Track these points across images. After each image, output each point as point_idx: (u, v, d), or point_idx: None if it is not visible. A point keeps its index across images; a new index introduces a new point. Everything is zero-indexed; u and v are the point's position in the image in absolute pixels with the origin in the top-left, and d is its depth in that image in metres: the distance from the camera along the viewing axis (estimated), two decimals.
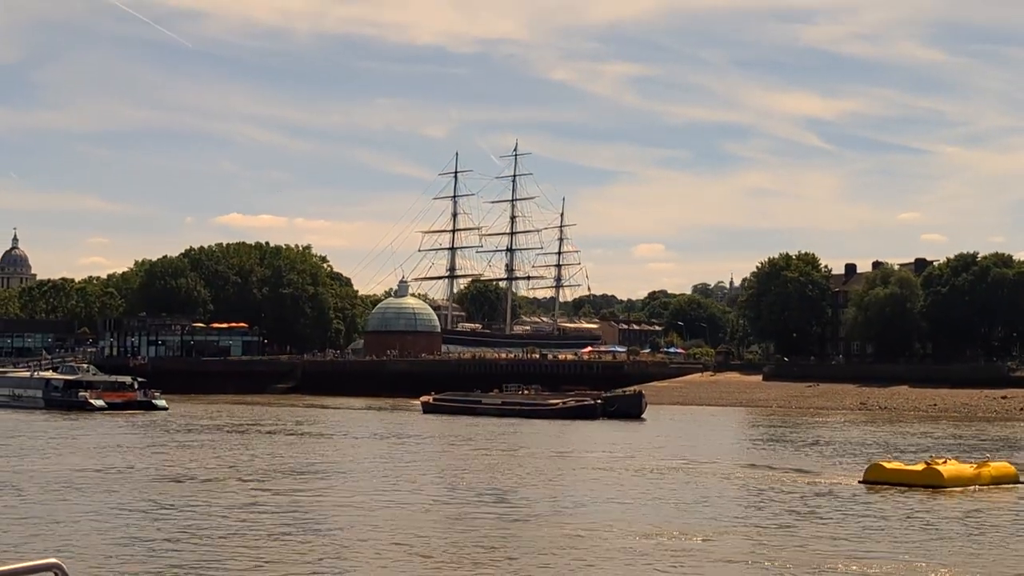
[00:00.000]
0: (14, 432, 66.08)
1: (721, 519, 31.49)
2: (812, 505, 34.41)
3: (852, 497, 35.89)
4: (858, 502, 34.84)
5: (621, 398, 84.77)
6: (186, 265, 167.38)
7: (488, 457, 52.42)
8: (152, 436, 65.05)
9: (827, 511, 33.05)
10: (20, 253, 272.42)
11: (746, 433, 73.61)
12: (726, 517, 31.91)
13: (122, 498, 35.41)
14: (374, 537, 28.09)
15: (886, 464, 38.43)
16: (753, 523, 30.70)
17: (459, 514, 32.35)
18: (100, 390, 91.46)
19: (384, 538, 27.94)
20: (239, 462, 48.73)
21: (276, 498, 35.81)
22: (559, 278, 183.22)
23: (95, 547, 26.42)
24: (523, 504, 34.67)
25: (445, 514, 32.64)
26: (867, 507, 33.74)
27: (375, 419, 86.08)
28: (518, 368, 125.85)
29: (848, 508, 33.57)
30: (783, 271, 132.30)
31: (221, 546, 26.68)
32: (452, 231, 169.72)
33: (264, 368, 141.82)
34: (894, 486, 36.77)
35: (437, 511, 33.32)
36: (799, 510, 33.31)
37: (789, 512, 32.82)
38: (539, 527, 29.87)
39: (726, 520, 31.28)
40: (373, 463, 49.27)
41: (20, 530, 28.70)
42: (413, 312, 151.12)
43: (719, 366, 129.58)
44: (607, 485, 40.66)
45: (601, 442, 62.95)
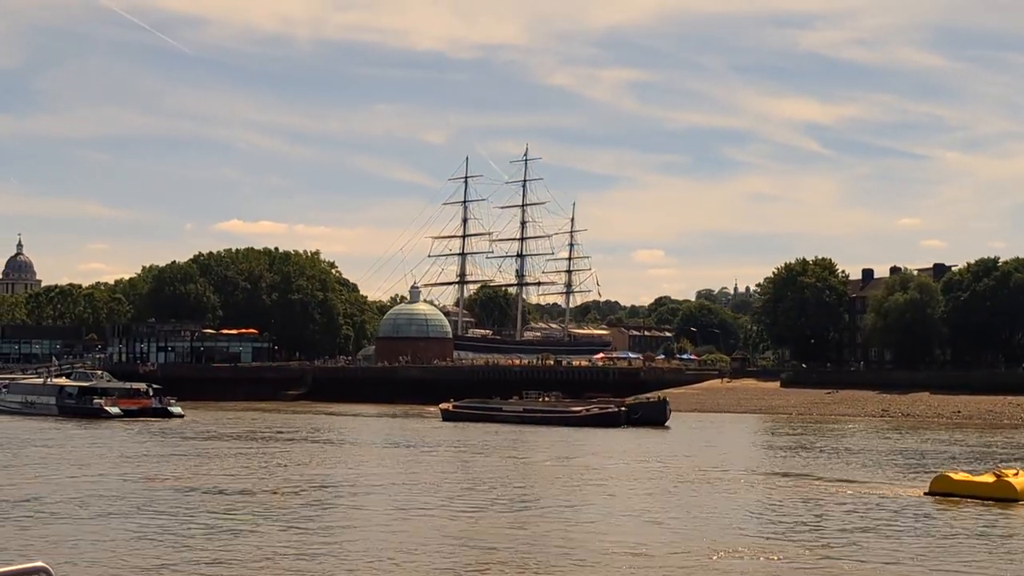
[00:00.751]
0: (32, 441, 64.73)
1: (792, 536, 30.10)
2: (880, 519, 33.00)
3: (921, 511, 34.46)
4: (930, 516, 33.42)
5: (645, 405, 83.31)
6: (195, 271, 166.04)
7: (522, 468, 51.09)
8: (172, 445, 63.67)
9: (901, 526, 31.63)
10: (25, 259, 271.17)
11: (773, 440, 72.11)
12: (796, 533, 30.51)
13: (153, 514, 34.07)
14: (420, 558, 26.74)
15: (953, 475, 37.00)
16: (824, 540, 29.32)
17: (500, 531, 30.99)
18: (115, 397, 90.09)
19: (430, 554, 26.60)
20: (268, 474, 47.42)
21: (316, 514, 34.49)
22: (569, 284, 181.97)
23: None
24: (568, 522, 33.29)
25: (487, 529, 31.28)
26: (940, 522, 32.33)
27: (394, 427, 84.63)
28: (533, 375, 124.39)
29: (922, 523, 32.15)
30: (800, 276, 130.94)
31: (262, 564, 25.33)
32: (462, 236, 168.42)
33: (274, 375, 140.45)
34: (963, 499, 35.37)
35: (477, 526, 31.97)
36: (867, 525, 31.92)
37: (857, 528, 31.43)
38: (588, 544, 28.48)
39: (798, 537, 29.89)
40: (407, 475, 47.93)
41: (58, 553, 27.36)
42: (425, 318, 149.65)
43: (735, 372, 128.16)
44: (652, 497, 39.45)
45: (631, 451, 61.58)
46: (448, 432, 75.70)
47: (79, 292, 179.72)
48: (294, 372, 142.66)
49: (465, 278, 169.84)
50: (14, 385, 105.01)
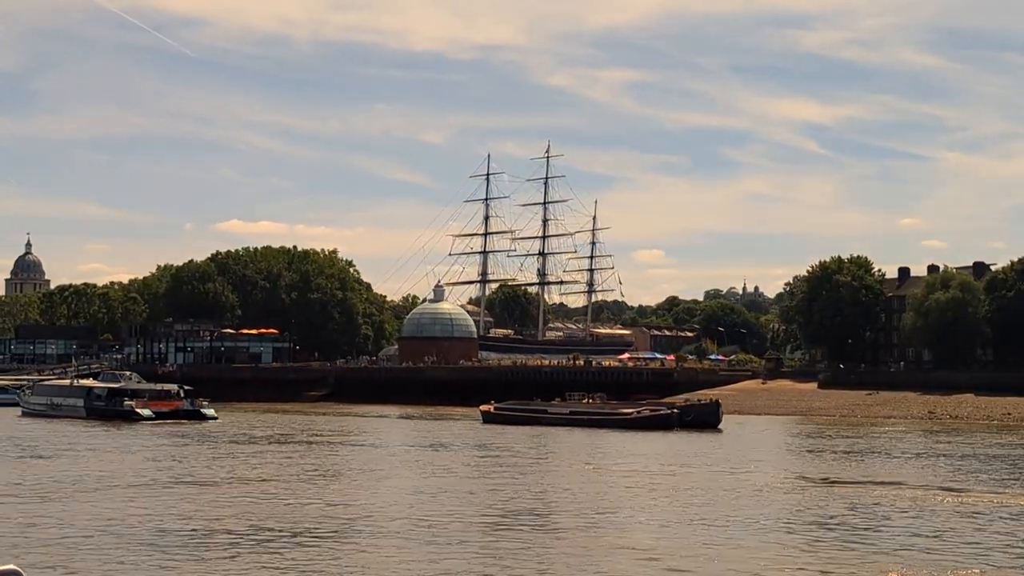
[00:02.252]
0: (69, 446, 61.95)
1: (955, 557, 27.29)
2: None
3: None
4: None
5: (697, 407, 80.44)
6: (213, 270, 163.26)
7: (610, 480, 48.30)
8: (216, 449, 60.96)
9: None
10: (34, 259, 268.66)
11: (837, 444, 68.99)
12: (956, 555, 27.71)
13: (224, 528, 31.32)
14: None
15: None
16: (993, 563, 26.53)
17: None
18: (146, 399, 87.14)
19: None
20: (330, 485, 44.73)
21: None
22: (591, 283, 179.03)
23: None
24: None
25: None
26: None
27: (438, 431, 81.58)
28: (562, 375, 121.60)
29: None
30: (835, 275, 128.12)
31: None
32: (484, 234, 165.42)
33: (296, 375, 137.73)
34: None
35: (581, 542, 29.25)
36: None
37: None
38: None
39: (957, 557, 27.07)
40: (481, 485, 45.18)
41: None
42: (450, 317, 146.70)
43: (770, 373, 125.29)
44: (744, 506, 36.97)
45: (700, 456, 58.85)
46: (497, 436, 72.71)
47: (93, 292, 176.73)
48: (316, 373, 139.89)
49: (487, 277, 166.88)
50: (38, 386, 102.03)
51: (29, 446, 60.63)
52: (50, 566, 26.09)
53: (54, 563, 26.50)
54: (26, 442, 63.48)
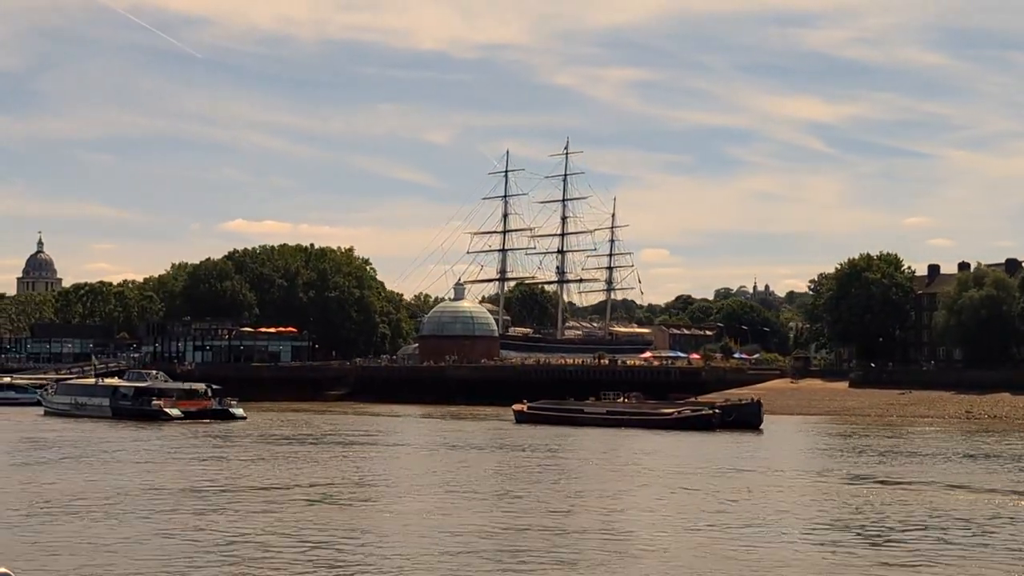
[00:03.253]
0: (111, 449, 60.27)
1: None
2: None
3: None
4: None
5: (739, 407, 78.58)
6: (230, 268, 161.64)
7: (684, 485, 46.58)
8: (254, 449, 59.30)
9: None
10: (45, 257, 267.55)
11: (881, 445, 67.04)
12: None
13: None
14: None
15: None
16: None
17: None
18: (174, 398, 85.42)
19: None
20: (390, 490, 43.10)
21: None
22: (611, 281, 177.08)
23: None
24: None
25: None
26: None
27: (471, 431, 79.80)
28: (588, 374, 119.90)
29: None
30: (864, 272, 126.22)
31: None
32: (503, 232, 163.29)
33: (315, 374, 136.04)
34: None
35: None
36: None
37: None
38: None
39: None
40: (556, 492, 43.49)
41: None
42: (471, 316, 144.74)
43: (798, 372, 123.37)
44: (824, 513, 35.18)
45: (752, 458, 57.21)
46: (538, 437, 70.94)
47: (109, 290, 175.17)
48: (336, 372, 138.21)
49: (506, 275, 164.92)
50: (62, 386, 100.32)
51: (70, 451, 58.10)
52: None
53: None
54: (62, 445, 61.26)
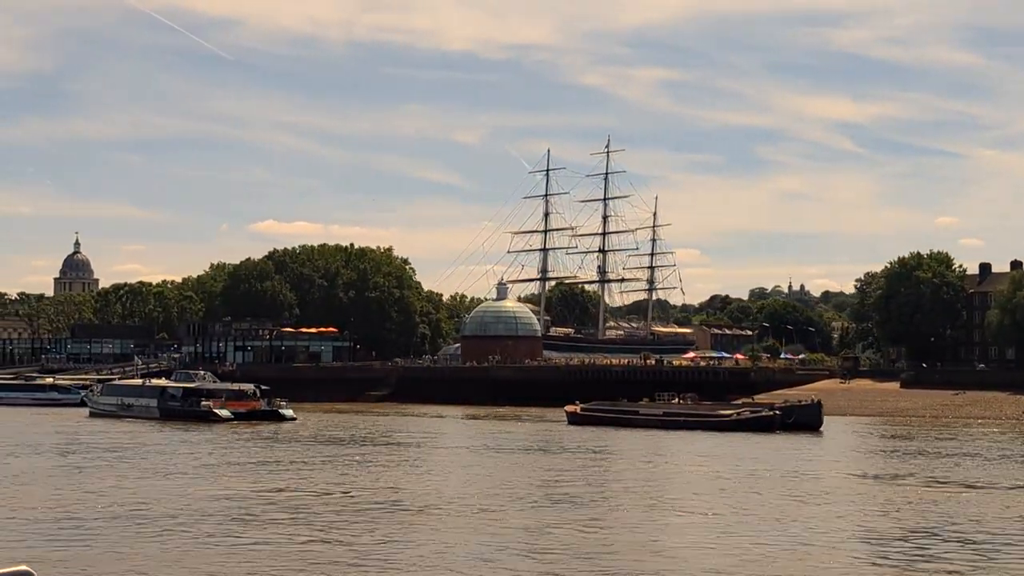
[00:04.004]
0: (179, 454, 59.25)
1: None
2: None
3: None
4: None
5: (799, 408, 76.87)
6: (271, 268, 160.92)
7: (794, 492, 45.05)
8: (318, 453, 58.18)
9: None
10: (82, 258, 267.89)
11: (944, 447, 65.25)
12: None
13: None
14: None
15: None
16: None
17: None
18: (223, 399, 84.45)
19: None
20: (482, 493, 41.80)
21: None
22: (652, 280, 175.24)
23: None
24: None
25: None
26: None
27: (525, 433, 78.50)
28: (634, 375, 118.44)
29: None
30: (914, 271, 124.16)
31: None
32: (544, 231, 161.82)
33: (357, 375, 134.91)
34: None
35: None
36: None
37: None
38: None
39: None
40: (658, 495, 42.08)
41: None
42: (514, 316, 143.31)
43: (848, 373, 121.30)
44: (924, 520, 33.59)
45: (825, 461, 55.66)
46: (594, 438, 69.57)
47: (148, 290, 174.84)
48: (377, 372, 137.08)
49: (547, 274, 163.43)
50: (108, 386, 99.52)
51: (132, 456, 56.84)
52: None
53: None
54: (120, 449, 60.15)
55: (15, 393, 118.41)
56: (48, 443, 62.91)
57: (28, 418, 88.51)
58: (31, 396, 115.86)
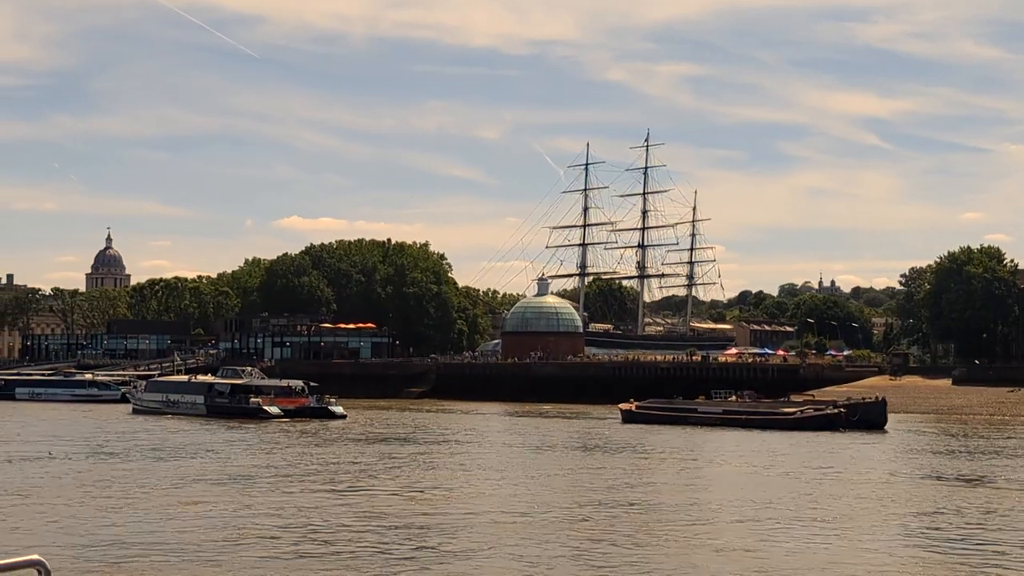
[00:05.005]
0: (224, 450, 57.71)
1: None
2: None
3: None
4: None
5: (863, 406, 74.84)
6: (308, 263, 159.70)
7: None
8: (380, 451, 56.64)
9: None
10: (114, 253, 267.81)
11: (1017, 447, 63.31)
12: None
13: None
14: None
15: None
16: None
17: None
18: (272, 396, 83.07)
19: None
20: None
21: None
22: (692, 276, 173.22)
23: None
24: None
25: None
26: None
27: (582, 431, 76.71)
28: (680, 371, 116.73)
29: None
30: (965, 266, 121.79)
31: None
32: (583, 226, 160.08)
33: (397, 371, 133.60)
34: None
35: None
36: None
37: None
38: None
39: None
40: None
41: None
42: (555, 312, 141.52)
43: (897, 369, 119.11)
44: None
45: (906, 461, 53.69)
46: (657, 438, 67.80)
47: (184, 286, 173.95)
48: (417, 368, 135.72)
49: (586, 270, 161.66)
50: (152, 382, 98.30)
51: (215, 461, 55.09)
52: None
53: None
54: (187, 448, 58.53)
55: (54, 389, 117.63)
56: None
57: (74, 416, 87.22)
58: (70, 392, 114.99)
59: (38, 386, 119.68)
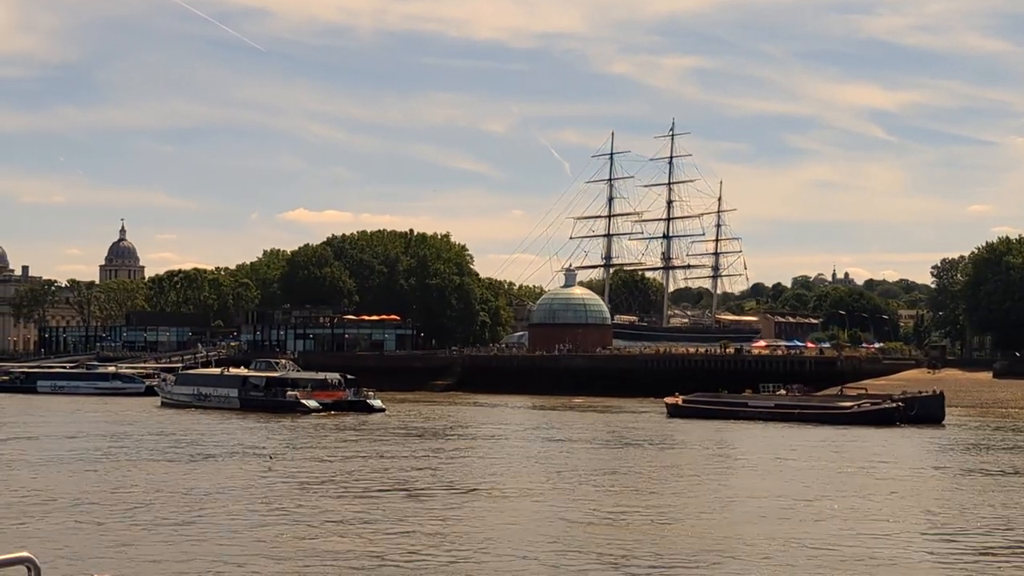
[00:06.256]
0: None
1: None
2: None
3: None
4: None
5: (921, 400, 72.65)
6: (330, 254, 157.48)
7: None
8: (438, 446, 54.62)
9: None
10: (128, 245, 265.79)
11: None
12: None
13: None
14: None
15: None
16: None
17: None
18: (308, 389, 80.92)
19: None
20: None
21: None
22: (717, 267, 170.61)
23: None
24: None
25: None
26: None
27: (625, 425, 74.53)
28: (713, 364, 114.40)
29: None
30: (1004, 256, 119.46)
31: None
32: (608, 216, 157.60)
33: (422, 364, 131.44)
34: None
35: None
36: None
37: None
38: None
39: None
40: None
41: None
42: (583, 303, 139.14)
43: (935, 362, 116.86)
44: None
45: (985, 459, 51.51)
46: (715, 433, 65.68)
47: (204, 277, 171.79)
48: (443, 361, 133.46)
49: (611, 260, 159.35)
50: (182, 375, 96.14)
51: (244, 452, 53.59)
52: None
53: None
54: (245, 446, 56.65)
55: (76, 382, 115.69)
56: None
57: (102, 408, 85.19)
58: (93, 385, 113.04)
59: (60, 379, 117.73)
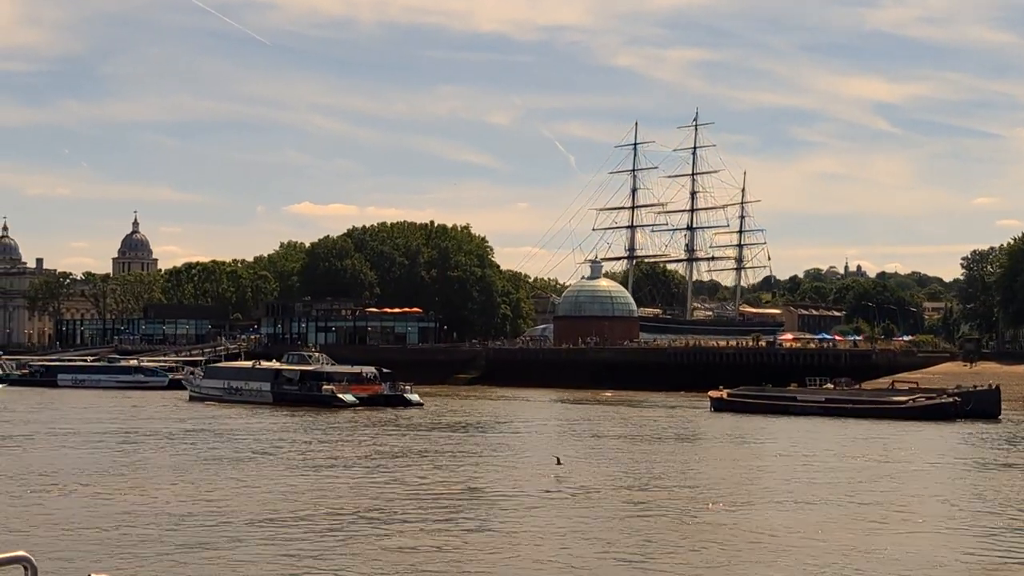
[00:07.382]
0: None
1: None
2: None
3: None
4: None
5: (977, 394, 70.64)
6: (350, 246, 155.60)
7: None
8: (497, 442, 52.77)
9: None
10: (141, 237, 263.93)
11: None
12: None
13: None
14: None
15: None
16: None
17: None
18: (344, 383, 79.02)
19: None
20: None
21: None
22: (740, 259, 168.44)
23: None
24: None
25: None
26: None
27: (668, 421, 72.62)
28: (744, 358, 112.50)
29: None
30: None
31: None
32: (631, 208, 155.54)
33: (445, 357, 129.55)
34: None
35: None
36: None
37: None
38: None
39: None
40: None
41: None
42: (609, 295, 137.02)
43: (971, 355, 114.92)
44: None
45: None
46: (772, 429, 63.76)
47: (222, 270, 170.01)
48: (466, 354, 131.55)
49: (635, 252, 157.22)
50: (211, 368, 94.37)
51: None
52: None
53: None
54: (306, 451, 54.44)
55: (97, 375, 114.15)
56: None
57: (135, 403, 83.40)
58: (115, 379, 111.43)
59: (81, 372, 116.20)
